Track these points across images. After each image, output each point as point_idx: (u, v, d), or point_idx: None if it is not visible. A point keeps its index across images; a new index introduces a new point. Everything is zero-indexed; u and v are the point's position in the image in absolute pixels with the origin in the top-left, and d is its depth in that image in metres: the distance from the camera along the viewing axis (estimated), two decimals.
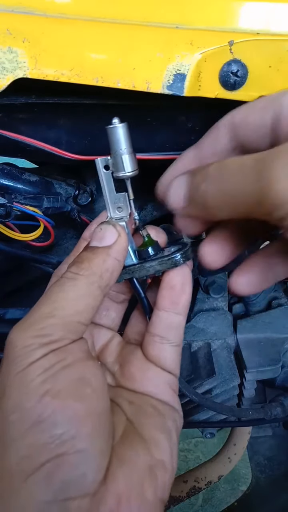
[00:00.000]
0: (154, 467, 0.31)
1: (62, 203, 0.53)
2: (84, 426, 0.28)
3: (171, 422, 0.36)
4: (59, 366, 0.29)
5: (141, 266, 0.38)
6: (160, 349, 0.38)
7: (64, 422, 0.27)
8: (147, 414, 0.35)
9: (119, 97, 0.39)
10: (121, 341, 0.42)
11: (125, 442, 0.32)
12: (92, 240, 0.36)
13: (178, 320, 0.38)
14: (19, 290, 0.68)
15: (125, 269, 0.38)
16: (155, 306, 0.38)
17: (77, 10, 0.37)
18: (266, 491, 1.27)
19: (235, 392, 0.70)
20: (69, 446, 0.27)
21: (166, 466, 0.32)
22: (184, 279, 0.37)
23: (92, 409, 0.29)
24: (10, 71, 0.35)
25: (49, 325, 0.30)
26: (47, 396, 0.28)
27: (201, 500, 1.34)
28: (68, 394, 0.28)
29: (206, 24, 0.37)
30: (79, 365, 0.30)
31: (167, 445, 0.33)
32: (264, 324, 0.69)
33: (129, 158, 0.35)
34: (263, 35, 0.35)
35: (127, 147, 0.35)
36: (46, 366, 0.29)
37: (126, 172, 0.36)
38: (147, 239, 0.39)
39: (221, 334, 0.69)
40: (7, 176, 0.48)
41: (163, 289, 0.38)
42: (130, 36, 0.35)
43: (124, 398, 0.37)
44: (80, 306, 0.32)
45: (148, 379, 0.37)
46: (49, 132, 0.44)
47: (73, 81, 0.35)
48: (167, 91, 0.35)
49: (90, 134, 0.44)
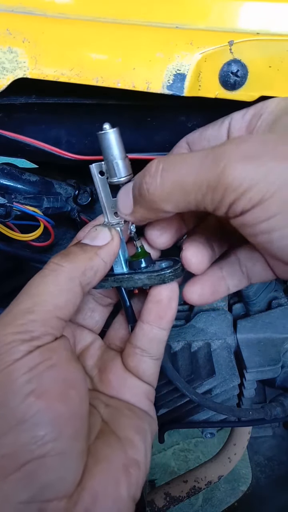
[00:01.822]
0: (129, 465, 0.32)
1: (62, 203, 0.53)
2: (67, 428, 0.28)
3: (147, 425, 0.36)
4: (44, 365, 0.29)
5: (130, 277, 0.38)
6: (140, 361, 0.38)
7: (47, 423, 0.27)
8: (123, 416, 0.35)
9: (119, 97, 0.39)
10: (102, 345, 0.42)
11: (100, 441, 0.32)
12: (84, 238, 0.36)
13: (161, 334, 0.38)
14: (19, 290, 0.68)
15: (115, 277, 0.38)
16: (140, 318, 0.38)
17: (77, 10, 0.37)
18: (266, 491, 1.27)
19: (235, 392, 0.70)
20: (50, 448, 0.27)
21: (140, 466, 0.32)
22: (171, 295, 0.38)
23: (75, 411, 0.29)
24: (10, 71, 0.35)
25: (29, 321, 0.30)
26: (31, 396, 0.27)
27: (201, 500, 1.34)
28: (53, 395, 0.28)
29: (206, 24, 0.37)
30: (64, 365, 0.30)
31: (142, 445, 0.34)
32: (264, 324, 0.69)
33: (122, 164, 0.35)
34: (263, 35, 0.35)
35: (119, 152, 0.34)
36: (31, 365, 0.28)
37: (119, 178, 0.35)
38: (140, 250, 0.39)
39: (221, 334, 0.69)
40: (7, 176, 0.48)
41: (150, 302, 0.38)
42: (130, 36, 0.35)
43: (101, 401, 0.37)
44: (60, 301, 0.32)
45: (126, 388, 0.38)
46: (49, 132, 0.44)
47: (73, 81, 0.35)
48: (167, 91, 0.35)
49: (90, 134, 0.44)
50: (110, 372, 0.39)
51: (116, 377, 0.38)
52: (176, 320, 0.72)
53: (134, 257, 0.39)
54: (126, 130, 0.44)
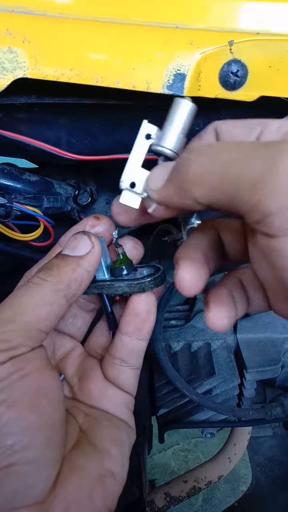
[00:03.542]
0: (104, 476, 0.31)
1: (62, 203, 0.53)
2: (37, 436, 0.28)
3: (125, 436, 0.36)
4: (17, 376, 0.29)
5: (111, 284, 0.37)
6: (120, 371, 0.38)
7: (16, 433, 0.27)
8: (101, 426, 0.35)
9: (119, 97, 0.39)
10: (82, 353, 0.42)
11: (77, 450, 0.32)
12: (64, 248, 0.36)
13: (140, 345, 0.38)
14: None
15: (96, 283, 0.38)
16: (119, 329, 0.38)
17: (77, 10, 0.37)
18: (266, 491, 1.27)
19: (235, 392, 0.70)
20: (19, 456, 0.27)
21: (116, 477, 0.32)
22: (149, 308, 0.37)
23: (46, 420, 0.29)
24: (10, 71, 0.35)
25: (8, 331, 0.29)
26: (2, 406, 0.27)
27: (201, 500, 1.34)
28: (23, 404, 0.28)
29: (206, 24, 0.37)
30: (37, 375, 0.30)
31: (119, 456, 0.34)
32: (264, 324, 0.69)
33: (181, 140, 0.32)
34: (263, 35, 0.35)
35: (184, 127, 0.32)
36: (3, 375, 0.28)
37: (168, 148, 0.32)
38: (122, 257, 0.39)
39: (221, 334, 0.69)
40: (7, 176, 0.48)
41: (128, 315, 0.37)
42: (130, 36, 0.35)
43: (80, 410, 0.37)
44: (43, 312, 0.31)
45: (106, 397, 0.38)
46: (49, 132, 0.44)
47: (73, 81, 0.35)
48: (167, 91, 0.35)
49: (90, 134, 0.44)
50: (91, 382, 0.39)
51: (96, 387, 0.38)
52: (176, 320, 0.72)
53: (116, 263, 0.39)
54: (126, 130, 0.44)
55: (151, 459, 1.48)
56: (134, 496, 0.63)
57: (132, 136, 0.35)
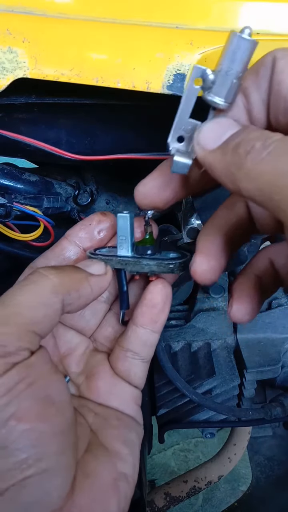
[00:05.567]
0: (118, 479, 0.31)
1: (62, 203, 0.53)
2: (50, 445, 0.27)
3: (135, 435, 0.36)
4: (23, 385, 0.27)
5: (137, 261, 0.36)
6: (131, 364, 0.37)
7: (29, 445, 0.26)
8: (111, 426, 0.35)
9: (119, 97, 0.39)
10: (88, 348, 0.40)
11: (89, 454, 0.32)
12: (78, 264, 0.35)
13: (153, 338, 0.38)
14: None
15: (119, 258, 0.36)
16: (133, 321, 0.37)
17: (77, 10, 0.37)
18: (266, 491, 1.27)
19: (235, 392, 0.70)
20: (34, 470, 0.26)
21: (129, 479, 0.32)
22: (166, 299, 0.37)
23: (57, 427, 0.28)
24: (10, 71, 0.35)
25: (2, 334, 0.28)
26: (12, 420, 0.26)
27: (201, 500, 1.34)
28: (33, 415, 0.27)
29: (206, 24, 0.37)
30: (43, 382, 0.29)
31: (130, 458, 0.33)
32: (264, 324, 0.69)
33: (236, 86, 0.27)
34: (263, 35, 0.35)
35: (241, 71, 0.27)
36: (10, 385, 0.26)
37: (221, 98, 0.27)
38: (149, 236, 0.38)
39: (221, 334, 0.69)
40: (7, 176, 0.48)
41: (144, 306, 0.37)
42: (130, 36, 0.35)
43: (89, 409, 0.36)
44: (38, 315, 0.29)
45: (115, 394, 0.37)
46: (49, 132, 0.44)
47: (73, 81, 0.35)
48: (167, 91, 0.35)
49: (90, 134, 0.44)
50: (99, 378, 0.38)
51: (104, 384, 0.37)
52: (176, 320, 0.72)
53: (141, 242, 0.37)
54: (126, 130, 0.44)
55: (151, 459, 1.48)
56: (134, 496, 0.63)
57: (132, 136, 0.35)
